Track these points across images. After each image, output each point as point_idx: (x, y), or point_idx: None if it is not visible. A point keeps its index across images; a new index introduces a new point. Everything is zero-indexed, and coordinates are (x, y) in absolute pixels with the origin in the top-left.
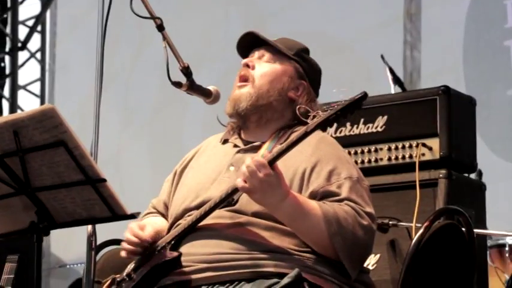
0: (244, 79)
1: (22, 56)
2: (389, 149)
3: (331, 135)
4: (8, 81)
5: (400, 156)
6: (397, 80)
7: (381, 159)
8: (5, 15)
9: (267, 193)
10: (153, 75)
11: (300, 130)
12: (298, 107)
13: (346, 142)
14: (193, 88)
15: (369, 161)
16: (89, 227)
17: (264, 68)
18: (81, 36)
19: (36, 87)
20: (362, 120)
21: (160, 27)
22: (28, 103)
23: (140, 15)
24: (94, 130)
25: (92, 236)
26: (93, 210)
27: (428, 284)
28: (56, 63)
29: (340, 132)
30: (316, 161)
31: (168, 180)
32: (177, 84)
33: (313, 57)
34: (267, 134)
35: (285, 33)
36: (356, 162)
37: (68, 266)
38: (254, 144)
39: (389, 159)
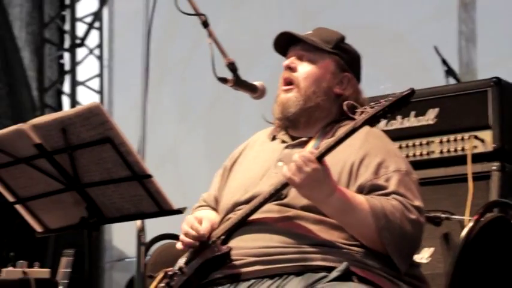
0: (289, 82)
1: (81, 52)
2: (441, 142)
3: (382, 129)
4: (67, 77)
5: (452, 149)
6: (450, 72)
7: (433, 152)
8: (63, 13)
9: (315, 188)
10: (209, 69)
11: (348, 126)
12: (345, 103)
13: (397, 135)
14: (239, 83)
15: (421, 154)
16: (138, 222)
17: (306, 69)
18: (138, 32)
19: (95, 83)
20: (413, 113)
21: (205, 24)
22: (87, 99)
23: (186, 12)
24: (141, 126)
25: (141, 231)
26: (140, 205)
27: (478, 278)
28: (114, 59)
29: (391, 126)
30: (364, 154)
31: (217, 175)
32: (223, 80)
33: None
34: (315, 129)
35: (338, 26)
36: (407, 155)
37: (126, 260)
38: (302, 139)
39: (441, 152)
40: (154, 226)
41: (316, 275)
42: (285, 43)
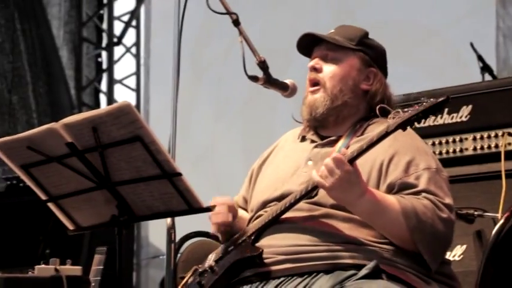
0: (315, 83)
1: (118, 51)
2: (474, 139)
3: (415, 126)
4: (105, 75)
5: (485, 146)
6: (486, 68)
7: (466, 149)
8: (101, 12)
9: (346, 190)
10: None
11: (380, 128)
12: (378, 107)
13: (430, 132)
14: (270, 82)
15: (454, 151)
16: (168, 220)
17: (331, 68)
18: (175, 30)
19: (132, 81)
20: (446, 110)
21: (236, 23)
22: (124, 97)
23: (217, 11)
24: (172, 125)
25: (171, 228)
26: (170, 203)
27: (509, 275)
28: (151, 57)
29: (424, 123)
30: (394, 153)
31: (247, 177)
32: (254, 78)
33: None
34: (345, 128)
35: (373, 23)
36: (440, 152)
37: (161, 257)
38: (331, 138)
39: (475, 149)
40: (186, 224)
41: (345, 272)
42: (309, 44)
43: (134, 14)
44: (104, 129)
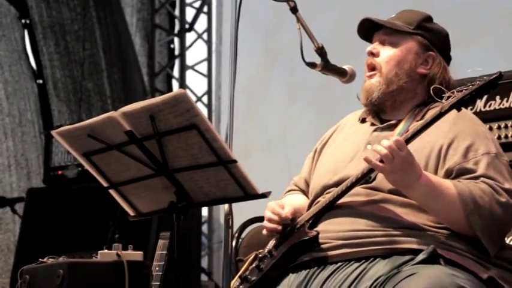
0: (372, 68)
1: (190, 37)
2: None
3: (481, 110)
4: (177, 61)
5: None
6: None
7: None
8: None
9: (407, 172)
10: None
11: (435, 110)
12: (432, 87)
13: (497, 116)
14: (328, 68)
15: None
16: (226, 206)
17: (387, 53)
18: (247, 15)
19: (203, 67)
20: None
21: (294, 10)
22: (196, 83)
23: None
24: (229, 113)
25: (229, 214)
26: (226, 190)
27: None
28: (223, 43)
29: (490, 106)
30: (454, 137)
31: (309, 157)
32: (312, 65)
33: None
34: (404, 112)
35: (449, 7)
36: (506, 136)
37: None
38: (391, 122)
39: None
40: (251, 209)
41: (402, 257)
42: (369, 29)
43: (206, 0)
44: (161, 118)
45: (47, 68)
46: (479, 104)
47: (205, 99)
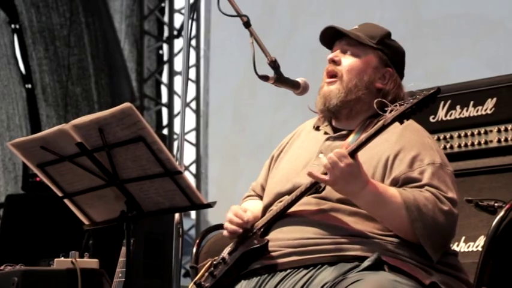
0: (332, 75)
1: (178, 43)
2: (498, 131)
3: (441, 119)
4: (165, 67)
5: (509, 138)
6: None
7: (491, 141)
8: (162, 5)
9: (349, 182)
10: (302, 60)
11: (378, 124)
12: (375, 100)
13: (456, 125)
14: (281, 81)
15: (479, 143)
16: (177, 215)
17: (349, 62)
18: (235, 22)
19: (192, 73)
20: (472, 102)
21: (247, 24)
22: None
23: (227, 13)
24: (180, 123)
25: (179, 223)
26: (174, 200)
27: (508, 267)
28: (211, 49)
29: (450, 116)
30: (400, 148)
31: (265, 164)
32: (264, 78)
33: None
34: (356, 123)
35: (438, 16)
36: (466, 144)
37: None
38: (342, 132)
39: (499, 141)
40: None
41: (348, 264)
42: (331, 37)
43: (194, 6)
44: (109, 130)
45: (36, 73)
46: (441, 114)
47: (193, 104)
